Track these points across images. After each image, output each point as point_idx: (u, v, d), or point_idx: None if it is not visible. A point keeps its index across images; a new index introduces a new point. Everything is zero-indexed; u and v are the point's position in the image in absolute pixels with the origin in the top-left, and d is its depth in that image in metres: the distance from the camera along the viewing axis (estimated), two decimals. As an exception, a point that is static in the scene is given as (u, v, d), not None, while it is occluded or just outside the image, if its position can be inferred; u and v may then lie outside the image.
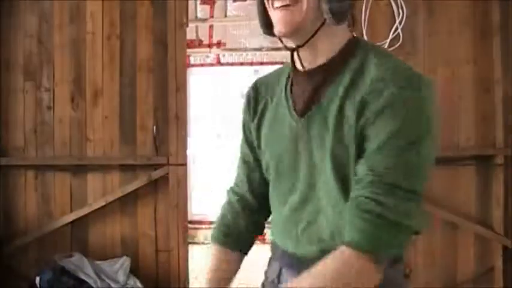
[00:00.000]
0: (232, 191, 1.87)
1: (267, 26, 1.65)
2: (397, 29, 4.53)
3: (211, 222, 8.84)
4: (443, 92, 4.59)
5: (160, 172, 4.63)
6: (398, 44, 4.53)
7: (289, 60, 1.64)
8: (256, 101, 1.77)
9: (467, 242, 4.61)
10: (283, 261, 1.73)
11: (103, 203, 4.64)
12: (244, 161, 1.84)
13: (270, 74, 1.82)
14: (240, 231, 1.82)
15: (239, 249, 1.83)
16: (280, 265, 1.75)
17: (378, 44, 4.50)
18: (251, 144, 1.79)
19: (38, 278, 4.17)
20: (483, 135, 4.59)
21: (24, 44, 4.72)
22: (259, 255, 2.48)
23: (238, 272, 1.87)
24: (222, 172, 13.12)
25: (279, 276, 1.75)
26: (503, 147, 4.53)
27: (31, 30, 4.73)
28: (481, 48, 4.60)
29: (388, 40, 4.54)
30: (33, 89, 4.72)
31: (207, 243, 8.60)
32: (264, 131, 1.72)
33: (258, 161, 1.78)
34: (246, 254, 1.86)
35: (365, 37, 4.52)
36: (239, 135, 1.86)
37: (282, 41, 1.60)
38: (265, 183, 1.77)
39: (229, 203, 1.86)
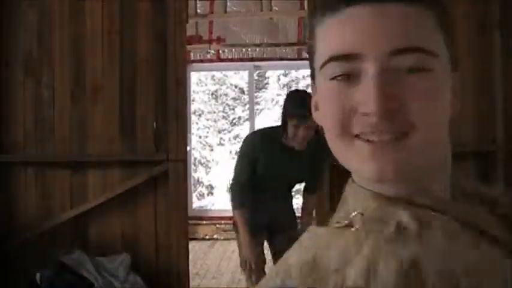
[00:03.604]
0: (241, 178, 3.76)
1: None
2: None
3: (211, 218, 8.88)
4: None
5: (160, 168, 4.64)
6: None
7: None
8: (260, 144, 3.71)
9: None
10: (263, 193, 3.80)
11: (103, 200, 4.64)
12: (249, 166, 3.71)
13: (266, 135, 3.79)
14: (246, 198, 3.77)
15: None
16: (260, 195, 3.78)
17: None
18: (254, 160, 3.70)
19: (38, 275, 4.18)
20: (483, 131, 4.59)
21: (24, 40, 4.72)
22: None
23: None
24: (222, 167, 13.20)
25: (259, 199, 3.80)
26: (504, 143, 4.53)
27: (31, 26, 4.72)
28: (480, 44, 4.60)
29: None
30: (33, 86, 4.72)
31: (208, 239, 8.63)
32: (265, 158, 3.69)
33: (254, 166, 3.71)
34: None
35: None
36: (246, 154, 3.78)
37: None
38: (252, 174, 3.74)
39: (242, 185, 3.76)
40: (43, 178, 4.71)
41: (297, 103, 3.59)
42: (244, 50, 8.48)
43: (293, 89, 4.40)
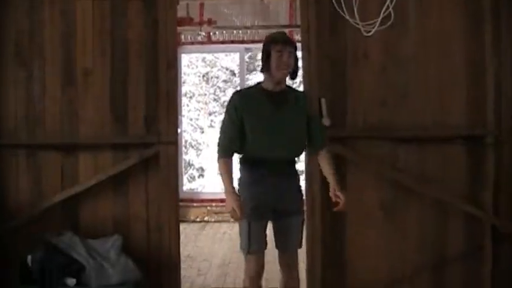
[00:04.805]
0: (227, 137, 3.71)
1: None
2: (388, 8, 4.52)
3: (202, 200, 8.90)
4: (434, 72, 4.61)
5: (151, 151, 4.63)
6: (390, 23, 4.52)
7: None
8: (242, 102, 3.71)
9: (457, 221, 4.64)
10: (265, 167, 3.70)
11: (94, 182, 4.63)
12: (234, 125, 3.68)
13: (245, 91, 3.93)
14: (233, 151, 3.74)
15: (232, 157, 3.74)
16: (262, 170, 3.70)
17: (369, 22, 4.51)
18: (240, 118, 3.68)
19: (29, 257, 4.18)
20: (474, 115, 4.61)
21: (15, 20, 4.67)
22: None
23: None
24: (213, 149, 13.19)
25: (262, 176, 3.71)
26: (494, 127, 4.55)
27: (22, 5, 4.67)
28: (472, 28, 4.60)
29: (379, 19, 4.52)
30: (23, 69, 4.68)
31: (199, 221, 8.65)
32: (251, 113, 3.68)
33: (240, 125, 3.67)
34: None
35: (356, 16, 4.51)
36: (228, 114, 3.74)
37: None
38: (240, 135, 3.68)
39: (229, 140, 3.70)
40: (34, 161, 4.69)
41: (279, 33, 3.84)
42: (235, 32, 8.46)
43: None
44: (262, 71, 3.76)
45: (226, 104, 3.85)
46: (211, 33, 8.61)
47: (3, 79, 4.69)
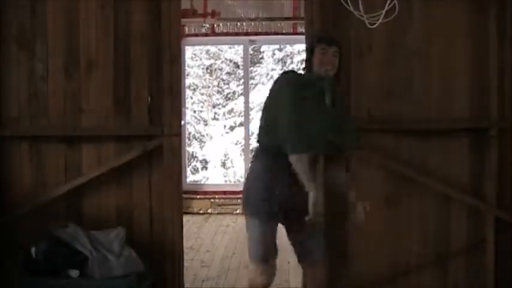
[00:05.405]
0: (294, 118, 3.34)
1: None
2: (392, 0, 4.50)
3: (205, 192, 8.90)
4: (438, 64, 4.59)
5: (154, 143, 4.63)
6: (394, 15, 4.50)
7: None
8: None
9: (460, 214, 4.64)
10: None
11: (97, 174, 4.64)
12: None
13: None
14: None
15: None
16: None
17: (374, 15, 4.49)
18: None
19: (33, 249, 4.19)
20: (478, 107, 4.60)
21: (17, 13, 4.67)
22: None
23: None
24: (217, 142, 13.21)
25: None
26: (498, 120, 4.54)
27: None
28: (477, 20, 4.59)
29: (384, 11, 4.49)
30: (26, 60, 4.67)
31: (202, 213, 8.66)
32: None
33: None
34: None
35: (360, 8, 4.49)
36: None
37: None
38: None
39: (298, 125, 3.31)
40: (37, 152, 4.68)
41: (324, 33, 4.10)
42: (239, 24, 8.44)
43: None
44: (304, 69, 3.59)
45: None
46: (215, 25, 8.59)
47: (5, 70, 4.68)
